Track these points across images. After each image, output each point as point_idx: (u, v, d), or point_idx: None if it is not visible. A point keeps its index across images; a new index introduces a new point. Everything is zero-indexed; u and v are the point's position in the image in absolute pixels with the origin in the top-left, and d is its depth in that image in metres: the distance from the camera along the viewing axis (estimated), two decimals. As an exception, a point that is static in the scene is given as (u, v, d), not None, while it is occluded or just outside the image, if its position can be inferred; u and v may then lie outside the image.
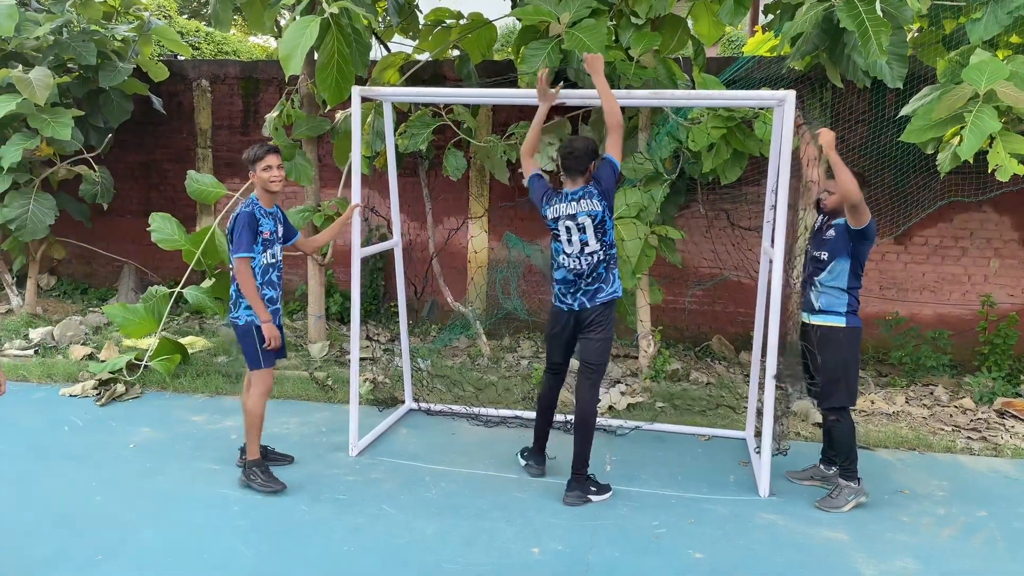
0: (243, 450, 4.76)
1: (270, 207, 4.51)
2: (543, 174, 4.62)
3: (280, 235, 4.59)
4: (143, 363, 6.26)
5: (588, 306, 4.38)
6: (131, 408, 5.80)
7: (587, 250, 4.32)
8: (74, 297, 9.14)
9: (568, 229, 4.33)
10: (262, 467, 4.52)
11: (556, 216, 4.35)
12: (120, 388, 6.01)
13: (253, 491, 4.44)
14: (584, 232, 4.31)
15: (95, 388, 6.04)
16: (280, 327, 4.56)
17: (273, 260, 4.51)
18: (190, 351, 6.76)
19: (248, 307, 4.39)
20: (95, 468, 4.71)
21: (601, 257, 4.34)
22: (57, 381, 6.32)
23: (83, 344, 7.23)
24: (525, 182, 4.62)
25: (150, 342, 6.38)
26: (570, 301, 4.43)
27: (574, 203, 4.31)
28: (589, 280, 4.37)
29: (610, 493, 4.48)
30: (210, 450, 5.02)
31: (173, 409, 5.79)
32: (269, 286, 4.48)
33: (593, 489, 4.47)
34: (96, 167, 7.87)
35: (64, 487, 4.44)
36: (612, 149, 4.33)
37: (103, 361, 6.50)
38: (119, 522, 4.06)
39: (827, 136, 4.24)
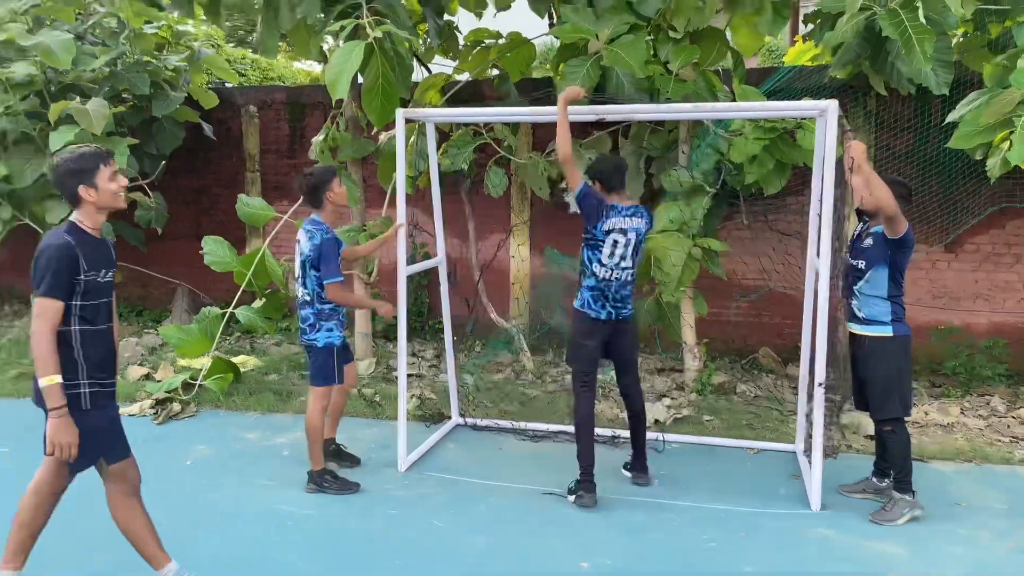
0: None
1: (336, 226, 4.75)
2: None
3: None
4: (197, 382, 6.42)
5: (615, 317, 4.60)
6: (187, 426, 5.96)
7: (622, 264, 4.53)
8: (130, 319, 9.42)
9: (615, 242, 4.48)
10: (331, 473, 4.78)
11: (610, 229, 4.48)
12: (176, 407, 6.18)
13: (325, 495, 4.67)
14: (627, 247, 4.50)
15: (152, 407, 6.21)
16: (344, 339, 4.81)
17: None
18: (242, 370, 6.92)
19: (329, 328, 4.66)
20: (154, 484, 4.78)
21: (630, 275, 4.58)
22: (117, 401, 6.50)
23: (140, 365, 7.45)
24: (576, 192, 4.52)
25: (204, 362, 6.55)
26: (598, 308, 4.58)
27: (627, 219, 4.50)
28: (616, 295, 4.58)
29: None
30: (263, 466, 5.13)
31: (227, 427, 5.93)
32: None
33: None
34: (150, 193, 8.12)
35: (125, 503, 4.57)
36: None
37: (159, 381, 6.68)
38: (177, 536, 4.15)
39: (858, 149, 4.21)
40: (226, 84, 9.69)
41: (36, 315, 3.09)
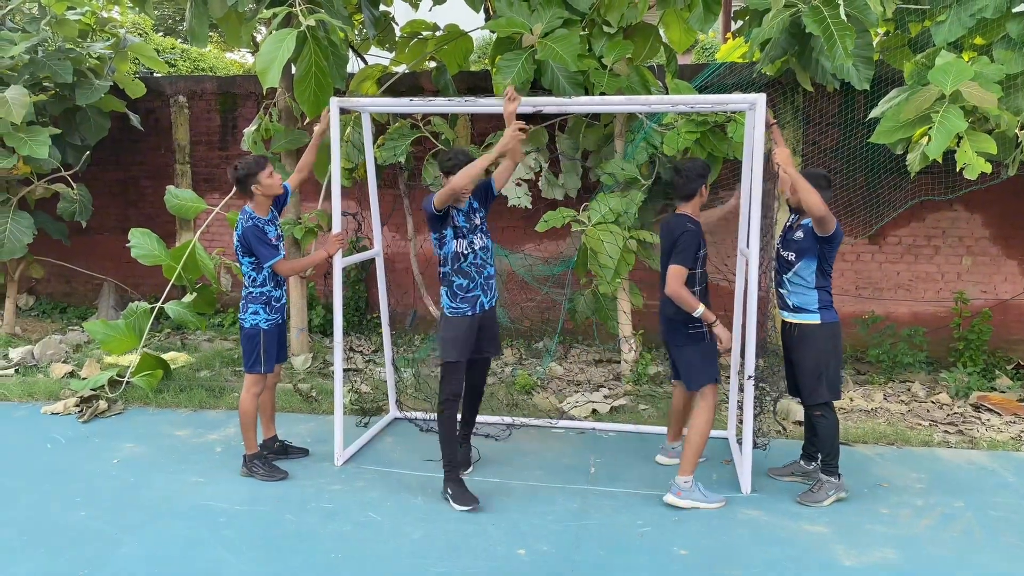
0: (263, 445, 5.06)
1: (267, 215, 4.77)
2: None
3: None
4: (125, 379, 6.24)
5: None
6: (114, 424, 5.78)
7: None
8: (53, 316, 9.09)
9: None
10: (261, 459, 4.85)
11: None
12: (102, 405, 5.99)
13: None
14: None
15: (77, 405, 6.01)
16: (283, 323, 4.95)
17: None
18: (172, 366, 6.75)
19: (254, 312, 4.74)
20: (79, 484, 4.69)
21: None
22: (38, 399, 6.29)
23: (64, 362, 7.19)
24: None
25: (132, 358, 6.37)
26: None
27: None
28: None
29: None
30: (195, 463, 5.02)
31: (156, 424, 5.77)
32: (277, 286, 4.82)
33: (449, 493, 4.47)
34: (74, 185, 7.85)
35: (48, 503, 4.42)
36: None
37: (84, 378, 6.47)
38: (104, 537, 4.05)
39: (782, 155, 4.33)
40: (154, 73, 9.42)
41: (674, 276, 4.26)
